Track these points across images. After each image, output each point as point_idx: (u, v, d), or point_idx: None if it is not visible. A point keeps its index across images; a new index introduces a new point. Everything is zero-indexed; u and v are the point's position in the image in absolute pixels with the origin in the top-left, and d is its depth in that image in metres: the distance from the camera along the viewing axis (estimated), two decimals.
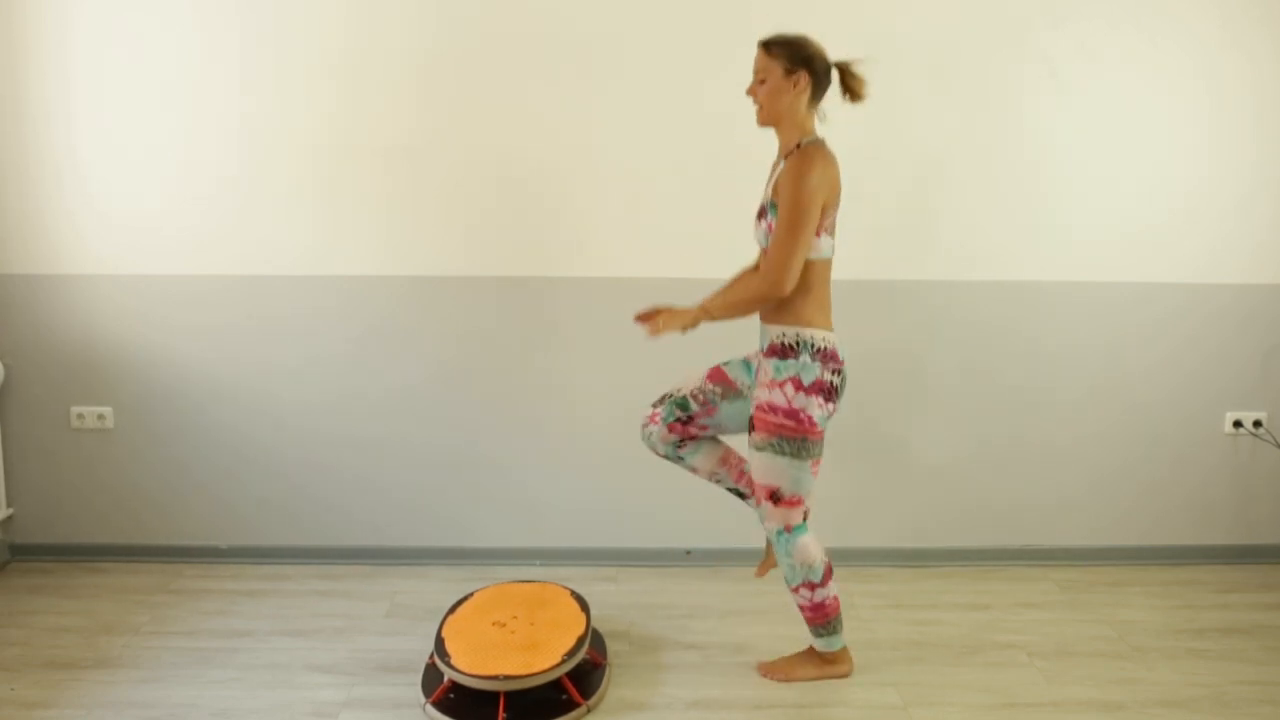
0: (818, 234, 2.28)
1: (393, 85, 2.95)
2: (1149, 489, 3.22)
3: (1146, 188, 3.04)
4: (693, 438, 2.54)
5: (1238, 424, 3.18)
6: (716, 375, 2.51)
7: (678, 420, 2.51)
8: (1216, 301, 3.11)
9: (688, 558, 3.19)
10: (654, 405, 2.56)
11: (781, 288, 2.25)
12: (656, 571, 3.15)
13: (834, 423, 3.11)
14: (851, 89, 2.32)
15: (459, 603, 2.62)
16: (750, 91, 2.34)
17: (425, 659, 2.55)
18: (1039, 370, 3.14)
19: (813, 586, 2.43)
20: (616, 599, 2.96)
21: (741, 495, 2.61)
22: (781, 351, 2.33)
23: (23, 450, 3.13)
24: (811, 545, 2.42)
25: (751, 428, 2.38)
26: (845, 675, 2.53)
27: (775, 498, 2.38)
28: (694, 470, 2.59)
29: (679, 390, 2.53)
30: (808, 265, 2.28)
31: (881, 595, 3.01)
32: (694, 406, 2.50)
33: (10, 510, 3.15)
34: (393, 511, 3.18)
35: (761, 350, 2.39)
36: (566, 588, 2.69)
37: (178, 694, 2.44)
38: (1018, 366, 3.13)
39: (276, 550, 3.18)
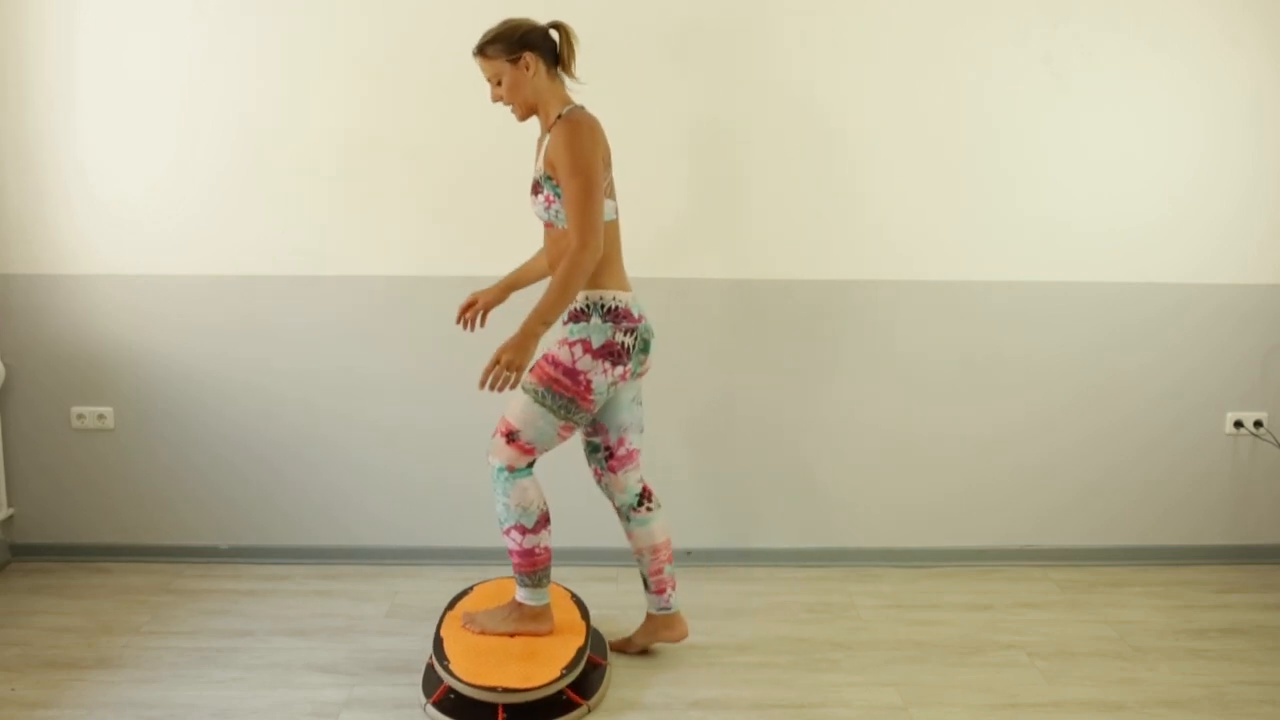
0: None
1: (391, 85, 2.94)
2: (1149, 489, 3.22)
3: (1146, 187, 3.05)
4: (628, 463, 2.52)
5: (1238, 424, 3.18)
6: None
7: (605, 458, 2.51)
8: (1217, 301, 3.11)
9: (688, 558, 3.19)
10: (589, 464, 2.57)
11: (595, 249, 2.25)
12: None
13: (836, 425, 3.14)
14: (563, 58, 2.35)
15: (459, 597, 2.62)
16: (495, 98, 2.36)
17: (425, 659, 2.54)
18: (1040, 370, 3.14)
19: (524, 531, 2.41)
20: (616, 599, 2.96)
21: (646, 584, 2.59)
22: (574, 316, 2.36)
23: (23, 450, 3.13)
24: (531, 489, 2.41)
25: (530, 369, 2.38)
26: (546, 634, 2.47)
27: (511, 438, 2.37)
28: (628, 536, 2.57)
29: (585, 440, 2.55)
30: None
31: (881, 595, 3.01)
32: (598, 438, 2.51)
33: (11, 510, 3.15)
34: (394, 511, 3.18)
35: (563, 321, 2.40)
36: (567, 589, 2.69)
37: (178, 694, 2.44)
38: (1018, 366, 3.13)
39: (277, 550, 3.18)
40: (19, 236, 3.01)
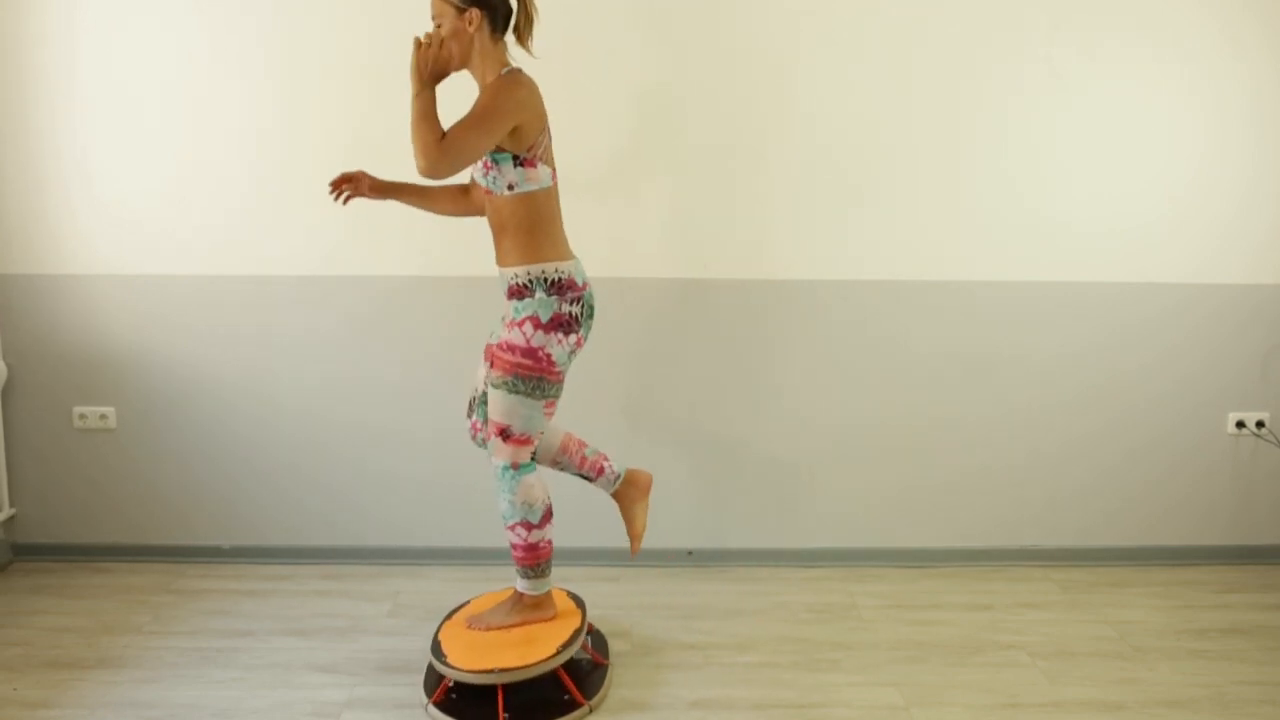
0: (533, 163, 2.27)
1: (392, 85, 2.94)
2: (1150, 489, 3.22)
3: (1146, 187, 3.05)
4: None
5: (1240, 424, 3.18)
6: (488, 353, 2.49)
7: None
8: (1217, 301, 3.11)
9: (689, 558, 3.20)
10: (468, 416, 2.57)
11: (437, 165, 2.15)
12: (658, 571, 3.15)
13: (838, 425, 3.14)
14: (519, 28, 2.32)
15: (456, 609, 2.62)
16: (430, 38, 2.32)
17: (427, 659, 2.55)
18: (1041, 370, 3.14)
19: (530, 527, 2.42)
20: (618, 599, 2.96)
21: (586, 478, 2.61)
22: (518, 292, 2.35)
23: (25, 450, 3.14)
24: (536, 485, 2.42)
25: (491, 364, 2.38)
26: (550, 620, 2.50)
27: (505, 435, 2.38)
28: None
29: (476, 389, 2.55)
30: (531, 198, 2.29)
31: (881, 595, 3.02)
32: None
33: (13, 510, 3.16)
34: (395, 511, 3.18)
35: (504, 294, 2.40)
36: (562, 589, 2.69)
37: (179, 694, 2.44)
38: (1018, 366, 3.14)
39: (279, 550, 3.18)
40: (20, 236, 3.01)
